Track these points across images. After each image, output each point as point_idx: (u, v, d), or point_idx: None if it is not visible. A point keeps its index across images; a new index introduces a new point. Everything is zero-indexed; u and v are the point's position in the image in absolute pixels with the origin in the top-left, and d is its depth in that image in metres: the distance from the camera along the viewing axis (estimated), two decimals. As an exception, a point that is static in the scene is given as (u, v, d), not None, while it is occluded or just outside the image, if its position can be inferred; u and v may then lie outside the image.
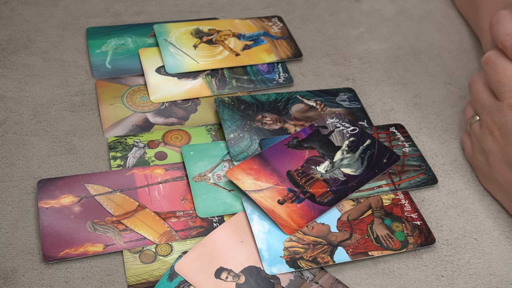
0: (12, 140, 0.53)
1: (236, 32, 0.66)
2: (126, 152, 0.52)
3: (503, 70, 0.46)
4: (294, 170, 0.51)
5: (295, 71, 0.63)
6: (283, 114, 0.57)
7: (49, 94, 0.57)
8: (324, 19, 0.70)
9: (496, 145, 0.48)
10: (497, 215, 0.50)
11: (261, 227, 0.47)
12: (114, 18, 0.67)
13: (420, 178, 0.52)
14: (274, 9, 0.71)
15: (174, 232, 0.47)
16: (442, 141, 0.56)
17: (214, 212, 0.48)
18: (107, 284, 0.43)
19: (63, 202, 0.48)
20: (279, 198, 0.49)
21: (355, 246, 0.46)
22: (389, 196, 0.51)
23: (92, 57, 0.61)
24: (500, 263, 0.47)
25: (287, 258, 0.45)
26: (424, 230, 0.48)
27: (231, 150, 0.53)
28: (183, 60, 0.61)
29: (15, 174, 0.50)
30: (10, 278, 0.43)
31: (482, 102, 0.49)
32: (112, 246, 0.45)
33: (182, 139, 0.54)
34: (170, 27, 0.65)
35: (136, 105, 0.57)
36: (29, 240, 0.45)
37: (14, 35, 0.64)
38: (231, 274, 0.44)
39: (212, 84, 0.59)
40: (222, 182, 0.50)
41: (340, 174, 0.51)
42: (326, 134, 0.54)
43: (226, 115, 0.56)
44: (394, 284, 0.45)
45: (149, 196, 0.49)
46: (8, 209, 0.47)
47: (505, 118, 0.46)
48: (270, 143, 0.53)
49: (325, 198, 0.49)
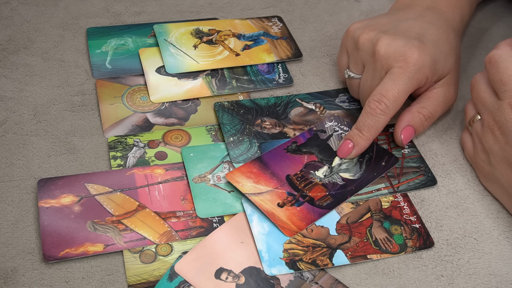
0: (12, 140, 0.53)
1: (236, 32, 0.66)
2: (126, 152, 0.52)
3: (505, 69, 0.47)
4: (293, 175, 0.51)
5: (295, 71, 0.63)
6: (282, 118, 0.57)
7: (49, 94, 0.57)
8: (324, 19, 0.70)
9: (497, 144, 0.48)
10: (497, 215, 0.50)
11: (261, 228, 0.47)
12: (114, 18, 0.67)
13: (419, 179, 0.52)
14: (274, 9, 0.71)
15: (174, 232, 0.47)
16: (442, 141, 0.56)
17: (214, 212, 0.48)
18: (107, 284, 0.43)
19: (63, 201, 0.48)
20: (278, 201, 0.49)
21: (354, 249, 0.46)
22: (388, 199, 0.51)
23: (92, 57, 0.61)
24: (500, 263, 0.47)
25: (287, 260, 0.45)
26: (423, 233, 0.48)
27: (230, 152, 0.53)
28: (183, 60, 0.61)
29: (15, 174, 0.50)
30: (10, 278, 0.43)
31: (484, 101, 0.50)
32: (112, 246, 0.45)
33: (182, 139, 0.54)
34: (170, 27, 0.65)
35: (136, 105, 0.57)
36: (29, 240, 0.45)
37: (14, 35, 0.64)
38: (231, 275, 0.44)
39: (212, 84, 0.60)
40: (222, 183, 0.50)
41: (339, 178, 0.51)
42: (325, 139, 0.54)
43: (226, 120, 0.56)
44: (394, 284, 0.45)
45: (149, 196, 0.49)
46: (8, 209, 0.47)
47: (505, 117, 0.47)
48: (269, 147, 0.53)
49: (324, 201, 0.49)
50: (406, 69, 0.51)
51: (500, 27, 0.70)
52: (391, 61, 0.51)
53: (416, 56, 0.51)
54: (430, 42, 0.53)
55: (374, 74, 0.53)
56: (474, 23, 0.71)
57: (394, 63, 0.51)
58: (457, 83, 0.56)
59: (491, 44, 0.67)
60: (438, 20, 0.55)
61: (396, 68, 0.51)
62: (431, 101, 0.54)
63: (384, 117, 0.51)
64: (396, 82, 0.50)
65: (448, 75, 0.55)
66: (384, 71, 0.52)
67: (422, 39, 0.53)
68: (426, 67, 0.52)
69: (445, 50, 0.54)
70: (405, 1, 0.59)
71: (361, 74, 0.56)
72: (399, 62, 0.51)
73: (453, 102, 0.57)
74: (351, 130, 0.52)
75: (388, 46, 0.52)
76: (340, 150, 0.52)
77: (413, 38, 0.52)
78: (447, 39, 0.54)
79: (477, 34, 0.69)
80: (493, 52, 0.49)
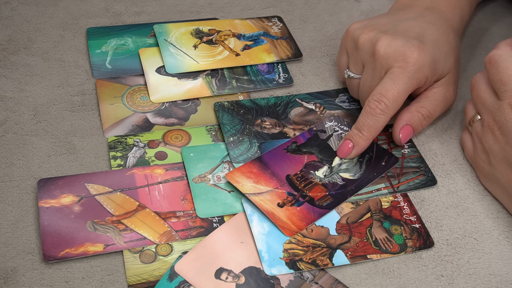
0: (12, 140, 0.53)
1: (236, 32, 0.66)
2: (126, 151, 0.52)
3: (505, 69, 0.47)
4: (293, 175, 0.51)
5: (295, 71, 0.63)
6: (282, 118, 0.57)
7: (49, 94, 0.57)
8: (324, 19, 0.70)
9: (497, 144, 0.48)
10: (497, 215, 0.50)
11: (260, 228, 0.47)
12: (114, 18, 0.67)
13: (419, 179, 0.52)
14: (274, 9, 0.71)
15: (174, 232, 0.47)
16: (442, 141, 0.56)
17: (214, 212, 0.48)
18: (107, 284, 0.43)
19: (63, 201, 0.48)
20: (278, 201, 0.49)
21: (354, 249, 0.47)
22: (388, 199, 0.51)
23: (92, 57, 0.61)
24: (500, 263, 0.47)
25: (287, 260, 0.45)
26: (423, 233, 0.48)
27: (230, 152, 0.53)
28: (183, 60, 0.61)
29: (15, 174, 0.50)
30: (10, 278, 0.43)
31: (484, 101, 0.50)
32: (112, 246, 0.45)
33: (182, 139, 0.54)
34: (170, 27, 0.65)
35: (136, 105, 0.57)
36: (29, 240, 0.45)
37: (15, 35, 0.64)
38: (231, 275, 0.44)
39: (212, 84, 0.60)
40: (222, 183, 0.50)
41: (339, 178, 0.51)
42: (325, 139, 0.54)
43: (226, 120, 0.56)
44: (394, 284, 0.45)
45: (149, 196, 0.49)
46: (8, 209, 0.47)
47: (505, 117, 0.47)
48: (269, 147, 0.53)
49: (324, 201, 0.49)
50: (405, 69, 0.51)
51: (500, 27, 0.70)
52: (391, 61, 0.51)
53: (416, 56, 0.51)
54: (429, 42, 0.53)
55: (373, 74, 0.53)
56: (474, 23, 0.71)
57: (393, 63, 0.51)
58: (456, 83, 0.56)
59: (491, 44, 0.67)
60: (438, 20, 0.55)
61: (395, 68, 0.51)
62: (430, 101, 0.54)
63: (384, 116, 0.51)
64: (395, 82, 0.50)
65: (447, 75, 0.55)
66: (383, 71, 0.52)
67: (422, 39, 0.53)
68: (426, 67, 0.52)
69: (445, 50, 0.54)
70: (405, 1, 0.59)
71: (360, 74, 0.56)
72: (399, 62, 0.51)
73: (452, 102, 0.57)
74: (351, 130, 0.52)
75: (388, 46, 0.52)
76: (340, 150, 0.52)
77: (412, 38, 0.52)
78: (446, 39, 0.54)
79: (477, 34, 0.69)
80: (493, 52, 0.49)
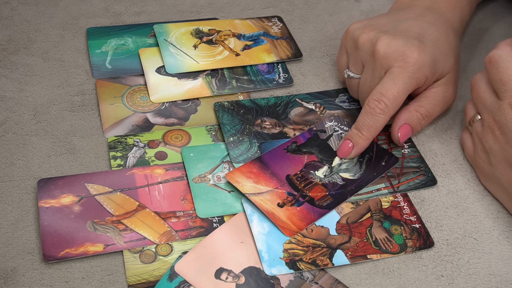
0: (12, 140, 0.53)
1: (236, 32, 0.66)
2: (126, 151, 0.52)
3: (505, 69, 0.47)
4: (293, 175, 0.51)
5: (295, 71, 0.63)
6: (282, 118, 0.57)
7: (49, 94, 0.57)
8: (324, 19, 0.70)
9: (497, 144, 0.48)
10: (497, 215, 0.50)
11: (260, 228, 0.47)
12: (114, 18, 0.67)
13: (419, 179, 0.52)
14: (274, 9, 0.71)
15: (174, 232, 0.47)
16: (442, 141, 0.56)
17: (214, 212, 0.48)
18: (107, 284, 0.43)
19: (63, 201, 0.48)
20: (278, 201, 0.49)
21: (354, 249, 0.47)
22: (388, 199, 0.51)
23: (92, 57, 0.61)
24: (500, 263, 0.47)
25: (287, 260, 0.45)
26: (423, 233, 0.48)
27: (230, 152, 0.53)
28: (183, 60, 0.61)
29: (15, 174, 0.50)
30: (10, 278, 0.43)
31: (484, 101, 0.50)
32: (112, 246, 0.45)
33: (182, 139, 0.54)
34: (170, 27, 0.65)
35: (136, 105, 0.57)
36: (29, 240, 0.45)
37: (14, 35, 0.64)
38: (231, 275, 0.44)
39: (212, 84, 0.60)
40: (222, 183, 0.50)
41: (339, 178, 0.51)
42: (325, 139, 0.54)
43: (226, 120, 0.56)
44: (394, 284, 0.45)
45: (149, 196, 0.49)
46: (8, 209, 0.47)
47: (505, 117, 0.47)
48: (269, 147, 0.53)
49: (324, 201, 0.49)
50: (405, 69, 0.51)
51: (500, 27, 0.70)
52: (391, 61, 0.51)
53: (416, 56, 0.51)
54: (429, 42, 0.53)
55: (373, 74, 0.53)
56: (474, 23, 0.71)
57: (393, 62, 0.51)
58: (456, 83, 0.56)
59: (491, 44, 0.67)
60: (437, 20, 0.55)
61: (395, 68, 0.51)
62: (429, 100, 0.54)
63: (384, 116, 0.51)
64: (395, 82, 0.50)
65: (447, 75, 0.55)
66: (383, 70, 0.52)
67: (422, 39, 0.53)
68: (426, 67, 0.52)
69: (445, 50, 0.54)
70: (405, 1, 0.60)
71: (360, 74, 0.56)
72: (399, 61, 0.51)
73: (451, 102, 0.57)
74: (351, 130, 0.52)
75: (388, 46, 0.52)
76: (339, 150, 0.52)
77: (412, 38, 0.52)
78: (446, 39, 0.54)
79: (477, 34, 0.69)
80: (493, 52, 0.49)
